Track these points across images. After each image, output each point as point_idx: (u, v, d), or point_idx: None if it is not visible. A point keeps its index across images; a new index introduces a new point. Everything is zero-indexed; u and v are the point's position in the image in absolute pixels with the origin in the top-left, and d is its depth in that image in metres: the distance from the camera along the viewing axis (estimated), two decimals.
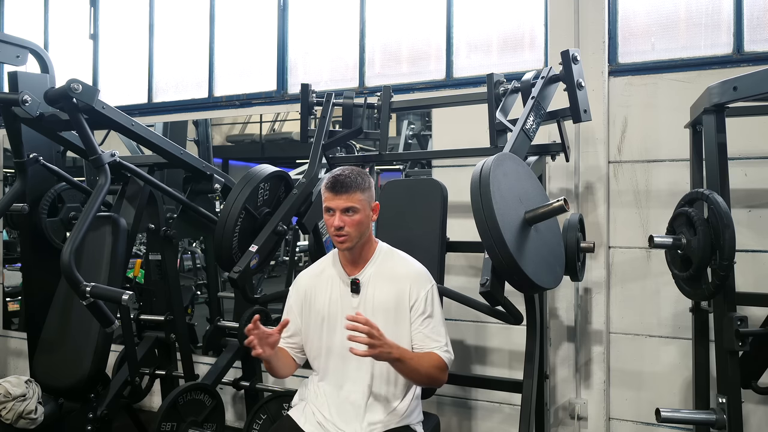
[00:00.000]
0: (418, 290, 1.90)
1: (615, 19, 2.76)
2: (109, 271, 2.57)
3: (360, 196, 1.86)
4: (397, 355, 1.72)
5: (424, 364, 1.82)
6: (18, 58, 2.91)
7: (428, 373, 1.83)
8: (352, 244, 1.87)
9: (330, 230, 1.88)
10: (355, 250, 1.91)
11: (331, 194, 1.86)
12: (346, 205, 1.84)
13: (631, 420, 2.73)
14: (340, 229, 1.84)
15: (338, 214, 1.85)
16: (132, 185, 2.83)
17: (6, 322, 4.36)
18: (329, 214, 1.87)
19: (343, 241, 1.86)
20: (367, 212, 1.89)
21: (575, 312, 2.78)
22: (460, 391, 2.99)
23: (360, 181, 1.87)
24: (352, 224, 1.85)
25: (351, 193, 1.85)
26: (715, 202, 1.79)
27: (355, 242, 1.88)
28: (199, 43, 3.81)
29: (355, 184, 1.86)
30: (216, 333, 3.33)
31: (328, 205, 1.87)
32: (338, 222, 1.84)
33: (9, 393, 2.32)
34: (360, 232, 1.87)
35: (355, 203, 1.85)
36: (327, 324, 1.93)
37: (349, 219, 1.85)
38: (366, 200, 1.88)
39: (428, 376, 1.84)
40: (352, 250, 1.91)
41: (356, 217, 1.85)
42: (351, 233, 1.85)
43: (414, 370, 1.79)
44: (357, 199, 1.85)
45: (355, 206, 1.85)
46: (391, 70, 3.27)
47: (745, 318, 1.81)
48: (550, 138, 2.54)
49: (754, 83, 1.83)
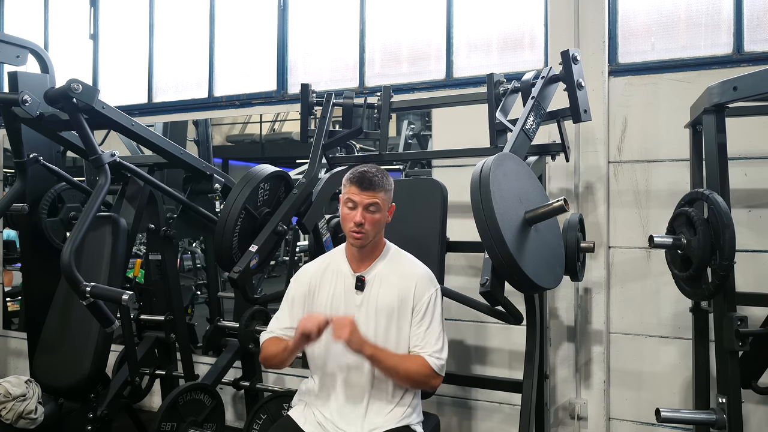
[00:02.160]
0: (422, 293, 1.90)
1: (615, 19, 2.76)
2: (109, 271, 2.57)
3: (383, 196, 1.87)
4: (369, 351, 1.75)
5: (406, 366, 1.82)
6: (18, 58, 2.91)
7: (408, 375, 1.83)
8: (367, 242, 1.88)
9: (347, 224, 1.87)
10: (365, 248, 1.92)
11: (357, 189, 1.85)
12: (369, 201, 1.84)
13: (631, 420, 2.73)
14: (360, 225, 1.84)
15: (360, 210, 1.84)
16: (132, 185, 2.83)
17: (6, 322, 4.36)
18: (350, 208, 1.86)
19: (360, 238, 1.86)
20: (385, 213, 1.90)
21: (575, 312, 2.78)
22: (460, 391, 2.99)
23: (385, 181, 1.89)
24: (372, 222, 1.85)
25: (377, 191, 1.85)
26: (715, 202, 1.79)
27: (370, 240, 1.88)
28: (199, 43, 3.81)
29: (381, 183, 1.86)
30: (216, 333, 3.33)
31: (351, 198, 1.86)
32: (359, 218, 1.83)
33: (9, 393, 2.32)
34: (376, 231, 1.89)
35: (379, 201, 1.85)
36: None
37: (370, 216, 1.85)
38: (387, 200, 1.89)
39: (408, 378, 1.84)
40: (364, 248, 1.91)
41: (377, 215, 1.86)
42: (368, 231, 1.85)
43: (391, 369, 1.80)
44: (381, 198, 1.86)
45: (378, 204, 1.85)
46: (391, 70, 3.27)
47: (745, 318, 1.81)
48: (550, 138, 2.54)
49: (754, 83, 1.83)
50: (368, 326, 1.87)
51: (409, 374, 1.83)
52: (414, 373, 1.83)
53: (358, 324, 1.80)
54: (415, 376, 1.84)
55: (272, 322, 2.03)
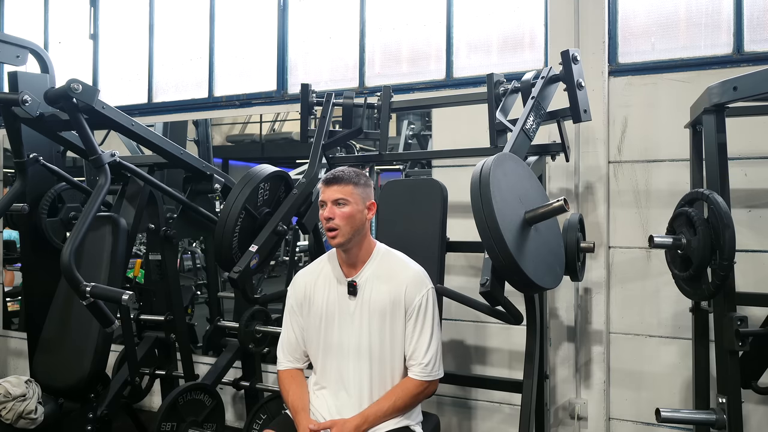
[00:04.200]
0: (413, 295, 1.89)
1: (615, 19, 2.76)
2: (109, 271, 2.57)
3: (352, 189, 1.86)
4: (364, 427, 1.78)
5: (398, 405, 1.84)
6: (18, 58, 2.90)
7: (406, 405, 1.86)
8: (343, 239, 1.86)
9: (323, 225, 1.88)
10: (351, 249, 1.91)
11: (324, 186, 1.88)
12: (336, 196, 1.85)
13: (631, 420, 2.73)
14: (329, 220, 1.84)
15: (329, 205, 1.85)
16: (132, 185, 2.82)
17: (6, 322, 4.36)
18: (322, 208, 1.88)
19: (334, 236, 1.85)
20: (360, 207, 1.88)
21: (575, 312, 2.78)
22: (460, 391, 2.99)
23: (353, 176, 1.88)
24: (342, 217, 1.84)
25: (343, 185, 1.86)
26: (715, 202, 1.78)
27: (346, 238, 1.86)
28: (199, 43, 3.81)
29: (347, 177, 1.87)
30: (216, 333, 3.33)
31: (321, 198, 1.89)
32: (328, 213, 1.84)
33: (9, 393, 2.32)
34: (352, 227, 1.86)
35: (346, 195, 1.85)
36: (324, 324, 1.93)
37: (339, 211, 1.84)
38: (359, 195, 1.88)
39: (408, 406, 1.87)
40: (346, 248, 1.90)
41: (346, 209, 1.84)
42: (341, 227, 1.84)
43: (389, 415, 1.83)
44: (348, 191, 1.85)
45: (345, 198, 1.85)
46: (391, 70, 3.27)
47: (745, 318, 1.81)
48: (550, 138, 2.55)
49: (754, 83, 1.83)
50: (362, 330, 1.88)
51: (407, 404, 1.86)
52: (409, 400, 1.86)
53: (353, 328, 1.85)
54: (412, 402, 1.88)
55: (281, 345, 2.02)
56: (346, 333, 1.90)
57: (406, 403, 1.85)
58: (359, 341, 1.88)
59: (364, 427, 1.78)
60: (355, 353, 1.88)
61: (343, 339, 1.90)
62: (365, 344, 1.87)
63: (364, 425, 1.78)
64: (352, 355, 1.88)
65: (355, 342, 1.88)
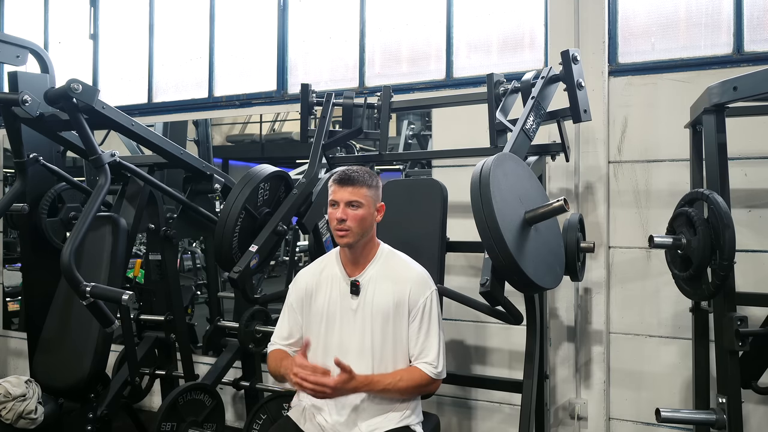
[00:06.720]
0: (417, 296, 1.89)
1: (615, 19, 2.76)
2: (109, 271, 2.57)
3: (366, 192, 1.86)
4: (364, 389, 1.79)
5: (400, 385, 1.83)
6: (18, 58, 2.90)
7: (406, 389, 1.85)
8: (353, 240, 1.86)
9: (332, 224, 1.87)
10: (356, 249, 1.91)
11: (338, 186, 1.86)
12: (350, 198, 1.84)
13: (631, 420, 2.73)
14: (342, 222, 1.83)
15: (342, 207, 1.84)
16: (132, 185, 2.83)
17: (6, 322, 4.36)
18: (333, 207, 1.87)
19: (344, 236, 1.85)
20: (371, 210, 1.89)
21: (575, 312, 2.78)
22: (460, 391, 2.99)
23: (367, 178, 1.88)
24: (355, 219, 1.84)
25: (357, 186, 1.85)
26: (715, 202, 1.79)
27: (356, 239, 1.86)
28: (199, 43, 3.81)
29: (362, 179, 1.86)
30: (216, 333, 3.33)
31: (333, 197, 1.87)
32: (341, 214, 1.83)
33: (9, 393, 2.32)
34: (362, 228, 1.86)
35: (360, 198, 1.85)
36: (325, 323, 1.93)
37: (353, 213, 1.84)
38: (371, 197, 1.88)
39: (407, 392, 1.86)
40: (353, 248, 1.90)
41: (359, 211, 1.85)
42: (353, 228, 1.84)
43: (386, 391, 1.81)
44: (362, 194, 1.85)
45: (359, 200, 1.85)
46: (391, 70, 3.27)
47: (745, 318, 1.81)
48: (550, 138, 2.54)
49: (754, 83, 1.83)
50: (365, 330, 1.88)
51: (408, 388, 1.85)
52: (411, 386, 1.85)
53: (355, 328, 1.84)
54: (412, 389, 1.86)
55: (275, 332, 2.03)
56: (348, 332, 1.89)
57: (407, 386, 1.84)
58: (361, 341, 1.87)
59: (363, 389, 1.79)
60: (356, 352, 1.87)
61: (345, 338, 1.89)
62: (367, 344, 1.87)
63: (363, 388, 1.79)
64: (353, 354, 1.87)
65: (357, 341, 1.88)
